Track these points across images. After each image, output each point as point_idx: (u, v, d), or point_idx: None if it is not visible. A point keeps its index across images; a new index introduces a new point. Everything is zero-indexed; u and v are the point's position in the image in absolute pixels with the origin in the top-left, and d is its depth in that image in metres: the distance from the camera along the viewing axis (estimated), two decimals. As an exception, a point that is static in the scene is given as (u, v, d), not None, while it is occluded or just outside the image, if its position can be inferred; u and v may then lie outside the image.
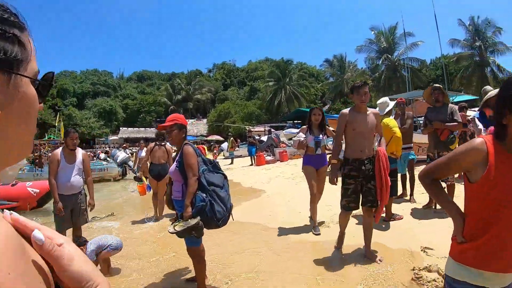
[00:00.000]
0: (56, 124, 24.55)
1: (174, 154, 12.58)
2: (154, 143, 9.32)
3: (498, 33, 42.77)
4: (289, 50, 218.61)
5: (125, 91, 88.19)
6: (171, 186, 4.64)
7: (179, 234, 3.96)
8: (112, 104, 78.15)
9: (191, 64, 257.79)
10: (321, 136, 6.73)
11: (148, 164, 9.25)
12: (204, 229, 4.13)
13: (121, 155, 20.19)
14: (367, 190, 5.07)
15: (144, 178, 9.91)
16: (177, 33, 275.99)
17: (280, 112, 58.74)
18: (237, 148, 26.71)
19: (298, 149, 7.11)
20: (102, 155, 25.02)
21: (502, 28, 42.47)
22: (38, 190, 11.06)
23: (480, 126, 8.86)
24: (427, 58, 62.27)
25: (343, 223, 5.48)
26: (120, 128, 73.99)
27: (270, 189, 11.62)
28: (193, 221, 3.92)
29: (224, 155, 29.51)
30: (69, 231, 6.28)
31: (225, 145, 33.25)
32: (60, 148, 6.28)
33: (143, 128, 70.58)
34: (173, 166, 4.42)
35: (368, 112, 5.17)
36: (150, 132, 62.74)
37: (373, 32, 51.45)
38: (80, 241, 5.36)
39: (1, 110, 0.68)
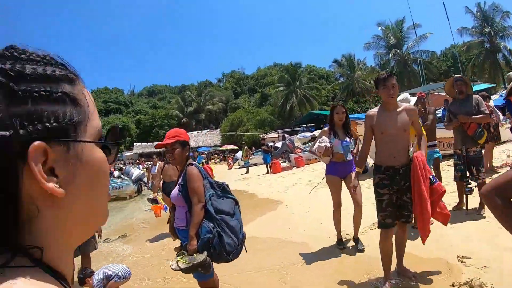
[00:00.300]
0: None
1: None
2: (163, 161, 9.13)
3: (506, 17, 42.05)
4: (297, 54, 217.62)
5: (136, 107, 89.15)
6: (173, 212, 4.04)
7: (184, 271, 3.42)
8: (125, 121, 78.71)
9: (200, 75, 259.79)
10: (347, 139, 5.84)
11: (161, 183, 9.09)
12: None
13: (136, 171, 19.93)
14: (402, 203, 4.30)
15: (159, 198, 9.78)
16: (184, 45, 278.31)
17: (293, 117, 58.29)
18: (252, 156, 26.26)
19: (324, 156, 5.89)
20: (116, 173, 24.88)
21: (510, 12, 41.56)
22: None
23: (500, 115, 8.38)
24: (437, 50, 61.43)
25: (384, 247, 4.34)
26: (134, 143, 74.43)
27: (288, 198, 11.11)
28: (199, 257, 3.34)
29: (239, 164, 29.12)
30: (77, 260, 5.80)
31: (239, 154, 32.84)
32: None
33: (157, 142, 70.58)
34: (175, 191, 3.79)
35: (399, 109, 4.32)
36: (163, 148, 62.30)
37: (380, 28, 50.97)
38: (85, 273, 4.97)
39: (64, 190, 0.58)
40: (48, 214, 0.58)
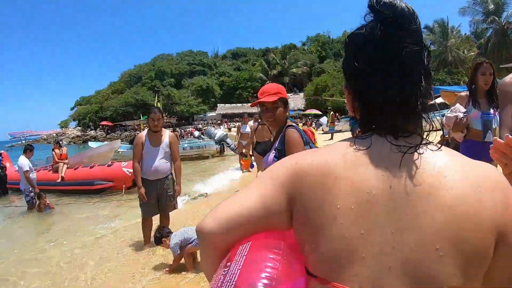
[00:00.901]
0: (155, 105, 24.89)
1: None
2: (257, 122, 9.86)
3: None
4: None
5: (220, 69, 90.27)
6: None
7: None
8: (209, 82, 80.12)
9: (284, 38, 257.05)
10: (491, 111, 4.08)
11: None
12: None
13: (219, 132, 19.77)
14: None
15: (249, 156, 11.19)
16: (268, 7, 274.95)
17: (380, 84, 55.89)
18: (337, 123, 25.35)
19: (454, 131, 4.29)
20: (196, 133, 25.14)
21: None
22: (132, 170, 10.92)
23: None
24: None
25: None
26: (218, 104, 75.46)
27: None
28: None
29: (322, 130, 28.28)
30: (156, 218, 6.13)
31: (324, 119, 31.91)
32: (146, 130, 5.92)
33: (240, 104, 71.00)
34: (270, 156, 3.03)
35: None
36: (247, 108, 62.95)
37: (477, -10, 46.60)
38: (163, 233, 5.06)
39: None
40: None
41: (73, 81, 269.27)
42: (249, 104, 67.80)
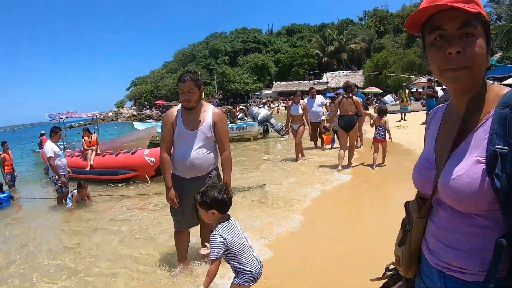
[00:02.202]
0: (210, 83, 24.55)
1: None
2: (341, 95, 9.54)
3: None
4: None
5: (275, 46, 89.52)
6: None
7: None
8: (264, 59, 79.59)
9: (340, 13, 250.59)
10: None
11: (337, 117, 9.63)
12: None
13: (262, 112, 18.91)
14: None
15: (331, 131, 11.14)
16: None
17: (444, 62, 53.16)
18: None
19: None
20: (240, 114, 24.05)
21: None
22: (154, 159, 10.21)
23: None
24: None
25: None
26: (274, 82, 74.90)
27: None
28: None
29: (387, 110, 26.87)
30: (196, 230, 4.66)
31: (388, 97, 30.38)
32: (179, 105, 4.26)
33: (297, 81, 69.94)
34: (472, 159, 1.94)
35: None
36: (304, 85, 61.99)
37: None
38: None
39: None
40: None
41: (130, 62, 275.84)
42: (306, 81, 68.19)
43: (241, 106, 35.50)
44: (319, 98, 12.79)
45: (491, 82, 1.27)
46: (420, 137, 9.42)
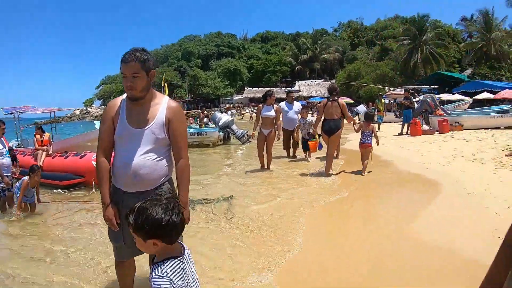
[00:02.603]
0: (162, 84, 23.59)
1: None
2: (326, 99, 9.25)
3: None
4: (421, 6, 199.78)
5: (249, 52, 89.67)
6: None
7: None
8: (237, 65, 79.22)
9: (316, 23, 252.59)
10: None
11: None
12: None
13: (224, 118, 18.03)
14: None
15: (317, 136, 10.43)
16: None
17: (416, 75, 53.54)
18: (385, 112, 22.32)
19: None
20: (205, 119, 23.34)
21: None
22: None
23: None
24: None
25: None
26: (245, 88, 74.53)
27: (461, 178, 7.75)
28: None
29: (359, 119, 26.36)
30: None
31: (361, 107, 29.89)
32: (124, 96, 3.10)
33: (268, 88, 69.41)
34: None
35: None
36: (276, 92, 61.31)
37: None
38: None
39: None
40: None
41: (101, 60, 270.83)
42: (278, 88, 67.86)
43: (205, 111, 34.48)
44: (297, 105, 11.99)
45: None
46: (397, 148, 8.44)
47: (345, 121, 9.76)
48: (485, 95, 33.06)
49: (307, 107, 12.80)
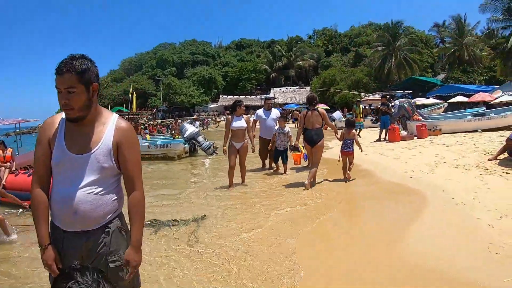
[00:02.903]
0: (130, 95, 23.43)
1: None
2: (306, 109, 8.98)
3: None
4: (394, 13, 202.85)
5: (224, 59, 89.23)
6: None
7: None
8: (212, 72, 78.70)
9: (290, 30, 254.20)
10: None
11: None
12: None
13: (190, 129, 17.42)
14: None
15: (301, 147, 9.87)
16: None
17: (390, 80, 53.84)
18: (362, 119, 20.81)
19: None
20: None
21: None
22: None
23: None
24: None
25: None
26: (220, 96, 74.03)
27: (447, 186, 7.29)
28: None
29: (336, 126, 25.97)
30: None
31: (337, 114, 29.63)
32: (62, 114, 2.39)
33: (243, 96, 68.96)
34: None
35: None
36: (251, 100, 61.50)
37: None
38: None
39: None
40: None
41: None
42: (253, 96, 67.64)
43: (178, 121, 33.74)
44: (275, 112, 11.32)
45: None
46: (376, 156, 10.05)
47: (328, 128, 9.57)
48: (459, 98, 33.23)
49: (285, 115, 11.95)
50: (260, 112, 11.29)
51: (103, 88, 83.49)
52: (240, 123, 8.88)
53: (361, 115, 19.68)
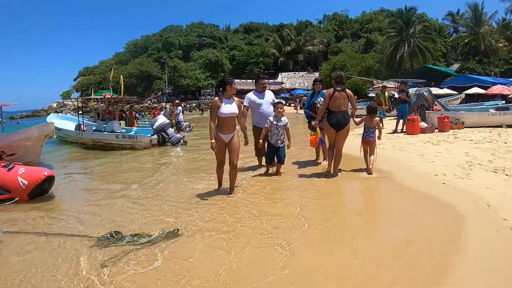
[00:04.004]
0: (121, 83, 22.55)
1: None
2: (333, 88, 7.89)
3: None
4: (407, 0, 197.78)
5: (231, 43, 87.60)
6: None
7: None
8: (218, 56, 77.06)
9: (300, 15, 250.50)
10: None
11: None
12: None
13: (160, 120, 16.21)
14: None
15: (318, 129, 8.68)
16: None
17: (402, 68, 52.02)
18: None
19: None
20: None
21: None
22: (27, 182, 7.48)
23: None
24: None
25: None
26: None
27: (494, 198, 5.74)
28: None
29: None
30: None
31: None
32: None
33: (250, 80, 67.41)
34: None
35: None
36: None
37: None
38: None
39: None
40: None
41: (78, 51, 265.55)
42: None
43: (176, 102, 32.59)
44: (270, 94, 9.15)
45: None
46: (395, 151, 10.81)
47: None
48: (475, 90, 31.57)
49: (281, 102, 9.31)
50: (252, 95, 8.95)
51: (108, 70, 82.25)
52: (230, 107, 6.73)
53: (387, 103, 17.59)
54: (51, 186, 7.86)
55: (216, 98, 6.75)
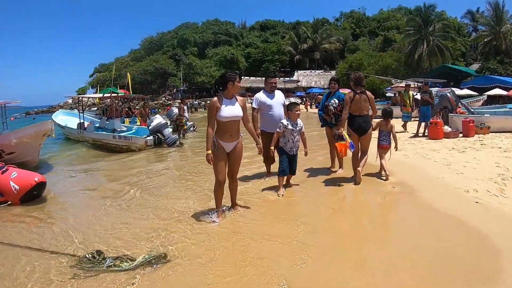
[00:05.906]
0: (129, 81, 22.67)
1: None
2: (353, 91, 7.47)
3: None
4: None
5: (247, 40, 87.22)
6: None
7: None
8: (234, 53, 76.77)
9: (316, 12, 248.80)
10: None
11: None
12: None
13: (156, 120, 15.74)
14: None
15: (346, 135, 7.74)
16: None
17: (420, 68, 51.00)
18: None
19: None
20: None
21: None
22: (18, 187, 7.31)
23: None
24: None
25: None
26: (242, 77, 72.06)
27: None
28: None
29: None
30: None
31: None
32: None
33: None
34: None
35: None
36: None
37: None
38: None
39: None
40: None
41: (95, 48, 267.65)
42: (276, 78, 64.36)
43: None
44: (280, 95, 8.14)
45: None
46: (418, 159, 10.25)
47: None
48: (497, 91, 30.62)
49: (296, 103, 8.06)
50: (261, 95, 7.93)
51: (123, 67, 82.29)
52: (232, 109, 5.60)
53: (411, 104, 16.25)
54: (43, 191, 7.68)
55: (215, 98, 5.58)
